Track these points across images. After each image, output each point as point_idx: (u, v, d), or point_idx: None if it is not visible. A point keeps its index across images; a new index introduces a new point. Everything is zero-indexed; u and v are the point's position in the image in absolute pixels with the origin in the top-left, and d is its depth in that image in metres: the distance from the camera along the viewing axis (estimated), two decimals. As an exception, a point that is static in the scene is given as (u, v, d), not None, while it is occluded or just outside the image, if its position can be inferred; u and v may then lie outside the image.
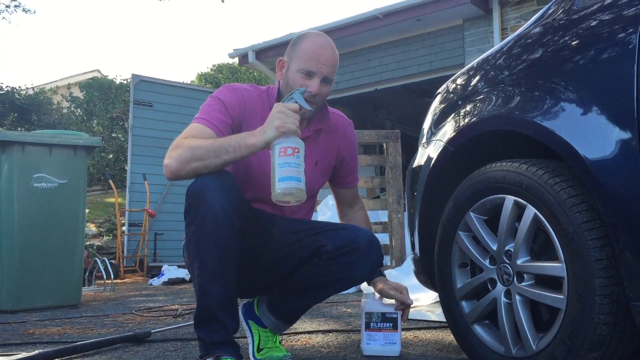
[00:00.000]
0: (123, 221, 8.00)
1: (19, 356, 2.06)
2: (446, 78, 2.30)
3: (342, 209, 2.27)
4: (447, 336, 2.38)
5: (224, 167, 1.73)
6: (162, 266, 6.86)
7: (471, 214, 1.76)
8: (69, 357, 2.18)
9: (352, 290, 4.19)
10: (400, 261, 4.55)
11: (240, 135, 1.74)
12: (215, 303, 1.71)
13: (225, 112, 1.85)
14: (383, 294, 2.00)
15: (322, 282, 1.90)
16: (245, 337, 2.05)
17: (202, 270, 1.71)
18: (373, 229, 4.73)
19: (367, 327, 2.06)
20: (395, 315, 2.04)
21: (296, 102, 1.75)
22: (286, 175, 1.63)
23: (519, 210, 1.59)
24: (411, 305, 2.03)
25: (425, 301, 3.29)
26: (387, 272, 4.02)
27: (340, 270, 1.87)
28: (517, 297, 1.59)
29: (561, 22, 1.66)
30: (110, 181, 7.94)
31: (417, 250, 2.14)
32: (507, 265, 1.62)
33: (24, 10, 15.06)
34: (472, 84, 1.98)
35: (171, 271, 6.44)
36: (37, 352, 2.11)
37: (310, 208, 2.11)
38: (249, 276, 1.90)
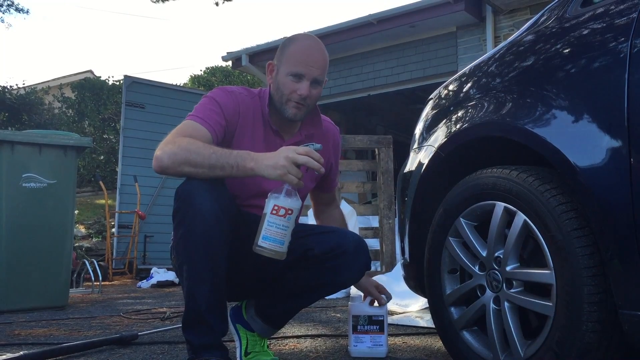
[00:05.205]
0: (113, 223, 7.96)
1: (4, 357, 2.03)
2: (439, 85, 2.30)
3: (318, 208, 2.28)
4: (436, 342, 2.38)
5: (213, 179, 1.71)
6: (151, 269, 6.82)
7: (461, 219, 1.76)
8: (54, 358, 2.16)
9: (340, 295, 4.19)
10: (390, 266, 4.55)
11: (241, 155, 1.68)
12: (204, 306, 1.70)
13: (220, 113, 1.84)
14: (359, 288, 2.06)
15: (310, 286, 1.90)
16: (233, 341, 2.04)
17: (191, 272, 1.70)
18: (364, 234, 4.75)
19: (355, 329, 2.11)
20: (382, 318, 2.09)
21: (308, 150, 1.67)
22: (270, 237, 1.62)
23: (509, 216, 1.59)
24: (388, 300, 2.15)
25: (414, 307, 3.29)
26: (377, 278, 4.02)
27: (327, 275, 1.86)
28: (506, 304, 1.58)
29: (553, 30, 1.67)
30: (101, 182, 7.89)
31: (407, 255, 2.14)
32: (497, 272, 1.62)
33: (17, 9, 14.92)
34: (464, 90, 1.98)
35: (160, 274, 6.41)
36: (21, 353, 2.08)
37: (299, 214, 2.10)
38: (237, 279, 1.89)
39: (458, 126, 1.87)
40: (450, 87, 2.10)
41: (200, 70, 17.75)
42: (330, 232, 1.92)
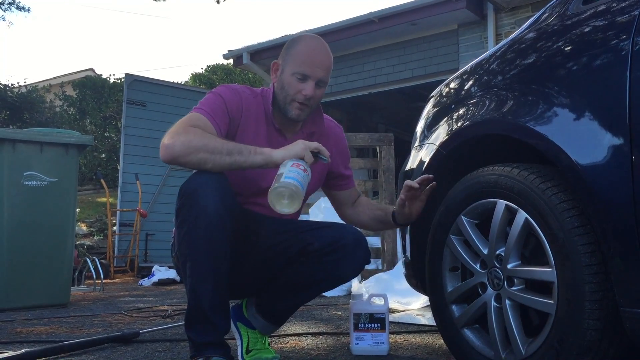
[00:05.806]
0: (114, 221, 7.96)
1: (5, 355, 2.04)
2: (440, 83, 2.30)
3: (343, 209, 2.20)
4: (437, 340, 2.38)
5: (229, 169, 1.72)
6: (152, 267, 6.83)
7: (462, 217, 1.76)
8: (55, 356, 2.16)
9: (342, 293, 4.19)
10: (391, 265, 4.55)
11: (255, 146, 1.75)
12: (207, 303, 1.70)
13: (225, 110, 1.85)
14: (401, 203, 1.94)
15: (310, 281, 1.90)
16: (234, 339, 2.04)
17: (194, 270, 1.70)
18: (365, 232, 4.73)
19: (356, 327, 2.12)
20: (383, 316, 2.10)
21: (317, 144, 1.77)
22: (292, 176, 1.64)
23: (511, 214, 1.59)
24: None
25: (415, 305, 3.29)
26: (378, 276, 4.03)
27: (327, 269, 1.86)
28: (507, 302, 1.58)
29: (555, 28, 1.67)
30: (102, 180, 7.89)
31: (408, 253, 2.14)
32: (498, 270, 1.62)
33: (18, 8, 14.94)
34: (465, 87, 1.98)
35: (161, 272, 6.42)
36: (23, 351, 2.09)
37: (298, 212, 2.10)
38: (238, 277, 1.89)
39: (459, 124, 1.87)
40: (452, 85, 2.10)
41: (202, 69, 17.76)
42: (328, 227, 1.92)
